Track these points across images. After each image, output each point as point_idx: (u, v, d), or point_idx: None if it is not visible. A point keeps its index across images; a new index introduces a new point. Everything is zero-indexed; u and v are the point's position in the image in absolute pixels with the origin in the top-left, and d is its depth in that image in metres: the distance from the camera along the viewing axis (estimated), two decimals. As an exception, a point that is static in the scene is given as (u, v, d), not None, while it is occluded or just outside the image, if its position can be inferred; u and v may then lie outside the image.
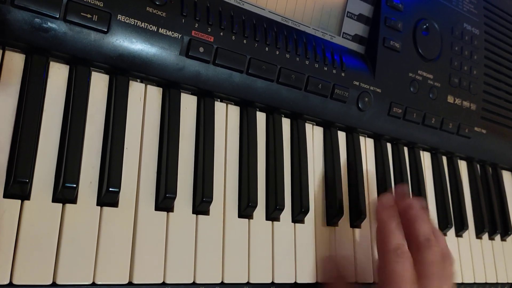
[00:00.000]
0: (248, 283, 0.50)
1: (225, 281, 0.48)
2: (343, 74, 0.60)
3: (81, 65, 0.44)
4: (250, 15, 0.54)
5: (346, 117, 0.62)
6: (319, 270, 0.55)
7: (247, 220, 0.51)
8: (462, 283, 0.71)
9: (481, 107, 0.76)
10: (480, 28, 0.77)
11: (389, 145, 0.68)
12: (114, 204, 0.44)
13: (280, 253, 0.53)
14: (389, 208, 0.54)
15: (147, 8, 0.46)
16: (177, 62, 0.49)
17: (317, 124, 0.62)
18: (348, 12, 0.64)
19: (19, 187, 0.38)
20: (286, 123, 0.58)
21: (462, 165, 0.79)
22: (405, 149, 0.71)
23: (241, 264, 0.50)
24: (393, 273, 0.47)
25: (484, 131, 0.76)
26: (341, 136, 0.64)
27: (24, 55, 0.42)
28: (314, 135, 0.61)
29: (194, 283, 0.46)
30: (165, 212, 0.46)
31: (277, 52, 0.55)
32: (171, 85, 0.50)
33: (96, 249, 0.41)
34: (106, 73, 0.47)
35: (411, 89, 0.67)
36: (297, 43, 0.57)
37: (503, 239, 0.80)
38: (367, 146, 0.66)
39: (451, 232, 0.72)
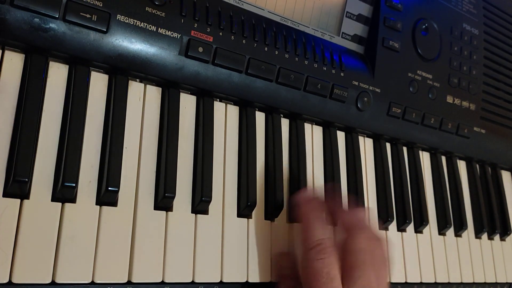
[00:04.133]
0: (247, 282, 0.50)
1: (224, 280, 0.48)
2: (342, 74, 0.60)
3: (81, 65, 0.44)
4: (249, 15, 0.54)
5: (345, 117, 0.62)
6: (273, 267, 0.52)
7: (246, 219, 0.52)
8: (462, 283, 0.71)
9: (480, 107, 0.76)
10: (479, 28, 0.77)
11: (388, 145, 0.69)
12: (113, 203, 0.44)
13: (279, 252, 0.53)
14: (311, 201, 0.50)
15: (147, 8, 0.46)
16: (177, 62, 0.49)
17: (316, 124, 0.62)
18: (347, 12, 0.64)
19: (18, 186, 0.39)
20: (285, 123, 0.58)
21: (462, 165, 0.79)
22: (404, 149, 0.71)
23: (240, 263, 0.50)
24: (315, 272, 0.43)
25: (483, 131, 0.77)
26: (340, 136, 0.64)
27: (24, 55, 0.43)
28: (313, 135, 0.61)
29: (193, 282, 0.46)
30: (164, 212, 0.46)
31: (276, 52, 0.55)
32: (170, 85, 0.50)
33: (95, 248, 0.41)
34: (106, 73, 0.47)
35: (411, 89, 0.67)
36: (296, 43, 0.57)
37: (502, 239, 0.80)
38: (366, 146, 0.66)
39: (450, 232, 0.72)
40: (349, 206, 0.51)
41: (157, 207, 0.46)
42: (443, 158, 0.76)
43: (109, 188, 0.42)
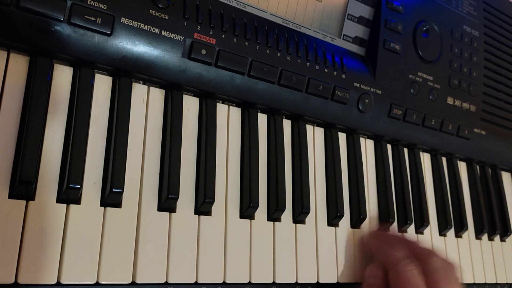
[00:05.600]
0: (249, 283, 0.50)
1: (227, 281, 0.48)
2: (343, 76, 0.60)
3: (85, 67, 0.45)
4: (252, 18, 0.55)
5: (347, 119, 0.62)
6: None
7: (248, 220, 0.52)
8: (462, 283, 0.71)
9: (481, 109, 0.77)
10: (479, 30, 0.77)
11: (389, 146, 0.69)
12: (118, 204, 0.44)
13: (281, 253, 0.53)
14: (382, 232, 0.60)
15: (150, 11, 0.47)
16: (180, 64, 0.49)
17: (318, 126, 0.62)
18: (348, 14, 0.64)
19: (24, 188, 0.39)
20: (287, 124, 0.59)
21: (462, 166, 0.79)
22: (405, 150, 0.71)
23: (243, 264, 0.50)
24: (405, 281, 0.51)
25: (483, 132, 0.77)
26: (342, 137, 0.64)
27: (29, 57, 0.43)
28: (315, 136, 0.61)
29: (196, 283, 0.47)
30: (168, 213, 0.47)
31: (278, 54, 0.55)
32: (173, 87, 0.50)
33: (99, 249, 0.42)
34: (110, 75, 0.47)
35: (411, 90, 0.68)
36: (298, 45, 0.57)
37: (502, 239, 0.80)
38: (367, 147, 0.67)
39: (451, 232, 0.72)
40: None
41: (160, 208, 0.46)
42: (444, 159, 0.76)
43: (114, 190, 0.42)
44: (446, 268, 0.53)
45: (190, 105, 0.52)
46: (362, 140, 0.66)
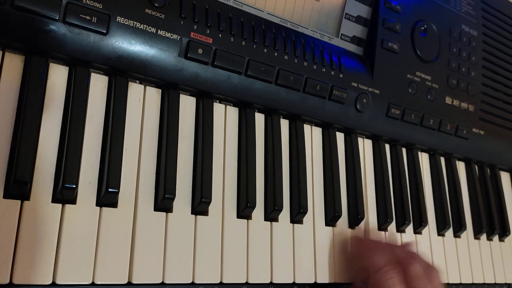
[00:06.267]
0: (246, 283, 0.50)
1: (224, 281, 0.48)
2: (341, 76, 0.60)
3: (81, 66, 0.45)
4: (249, 17, 0.54)
5: (345, 118, 0.62)
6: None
7: (245, 220, 0.52)
8: (461, 284, 0.71)
9: (479, 108, 0.77)
10: (478, 29, 0.77)
11: (387, 146, 0.69)
12: (114, 204, 0.44)
13: (279, 253, 0.53)
14: (362, 238, 0.60)
15: (146, 10, 0.47)
16: (176, 64, 0.49)
17: (316, 125, 0.62)
18: (346, 13, 0.64)
19: (19, 187, 0.39)
20: (284, 124, 0.59)
21: (460, 166, 0.79)
22: (403, 150, 0.71)
23: (240, 264, 0.50)
24: None
25: (482, 132, 0.77)
26: (340, 137, 0.64)
27: (24, 57, 0.43)
28: (312, 136, 0.61)
29: (193, 283, 0.46)
30: (164, 213, 0.46)
31: (276, 54, 0.55)
32: (170, 86, 0.50)
33: (95, 249, 0.42)
34: (106, 75, 0.47)
35: (409, 90, 0.68)
36: (295, 44, 0.57)
37: (501, 239, 0.80)
38: (365, 147, 0.67)
39: (449, 232, 0.72)
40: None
41: (157, 208, 0.46)
42: (442, 159, 0.76)
43: (109, 189, 0.42)
44: (429, 275, 0.52)
45: (187, 105, 0.51)
46: (360, 139, 0.66)
